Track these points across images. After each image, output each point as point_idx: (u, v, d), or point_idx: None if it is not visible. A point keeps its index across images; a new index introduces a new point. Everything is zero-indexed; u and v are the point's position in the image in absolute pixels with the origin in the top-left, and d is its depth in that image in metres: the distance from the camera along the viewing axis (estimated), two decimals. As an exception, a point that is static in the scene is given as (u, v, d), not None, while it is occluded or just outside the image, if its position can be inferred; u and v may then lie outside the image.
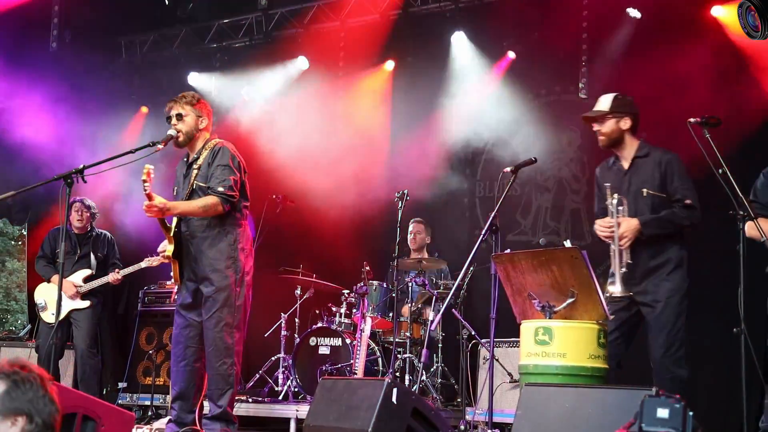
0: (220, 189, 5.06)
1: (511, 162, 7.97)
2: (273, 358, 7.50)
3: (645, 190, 4.81)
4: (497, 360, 6.42)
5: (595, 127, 4.96)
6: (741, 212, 4.16)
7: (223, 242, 5.16)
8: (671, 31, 7.47)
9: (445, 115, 8.70)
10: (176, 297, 5.38)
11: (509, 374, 6.52)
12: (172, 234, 5.15)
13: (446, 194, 8.66)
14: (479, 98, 8.66)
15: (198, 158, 5.23)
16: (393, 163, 8.85)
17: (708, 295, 6.19)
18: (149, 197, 4.83)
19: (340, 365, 6.91)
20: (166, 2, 9.32)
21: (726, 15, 7.27)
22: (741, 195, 4.19)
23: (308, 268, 7.71)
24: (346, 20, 9.05)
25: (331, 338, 7.14)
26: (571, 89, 8.17)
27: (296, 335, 7.49)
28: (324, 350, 7.13)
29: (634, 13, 7.65)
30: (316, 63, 9.37)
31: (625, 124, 4.93)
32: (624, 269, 4.67)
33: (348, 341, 6.99)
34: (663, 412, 2.94)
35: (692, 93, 7.11)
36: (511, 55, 8.49)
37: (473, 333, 6.73)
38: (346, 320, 7.25)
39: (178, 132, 5.23)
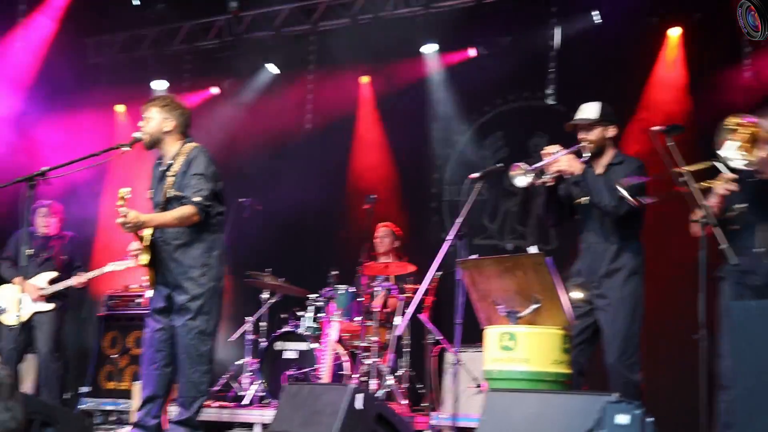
0: (197, 199, 4.98)
1: (478, 166, 8.08)
2: (238, 363, 7.45)
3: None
4: (463, 365, 6.42)
5: (581, 135, 4.97)
6: (702, 219, 4.20)
7: (197, 249, 5.10)
8: (636, 41, 7.61)
9: (414, 119, 8.73)
10: (149, 301, 5.32)
11: (475, 379, 6.52)
12: (148, 244, 5.09)
13: (414, 198, 8.70)
14: (447, 102, 8.70)
15: (173, 164, 5.16)
16: (362, 168, 8.86)
17: (670, 300, 6.25)
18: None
19: (306, 370, 6.88)
20: (134, 2, 9.24)
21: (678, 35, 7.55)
22: (702, 202, 4.24)
23: (275, 273, 7.67)
24: (318, 23, 9.03)
25: (297, 343, 7.11)
26: (539, 94, 8.23)
27: (262, 340, 7.45)
28: (290, 355, 7.09)
29: (596, 17, 7.75)
30: (286, 66, 9.35)
31: (610, 132, 4.97)
32: (535, 177, 4.75)
33: (314, 346, 6.96)
34: (623, 419, 2.97)
35: (659, 102, 7.24)
36: (471, 53, 8.51)
37: (440, 338, 6.74)
38: (313, 325, 7.22)
39: (143, 134, 5.18)
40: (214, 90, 9.65)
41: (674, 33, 7.56)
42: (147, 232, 5.05)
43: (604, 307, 4.78)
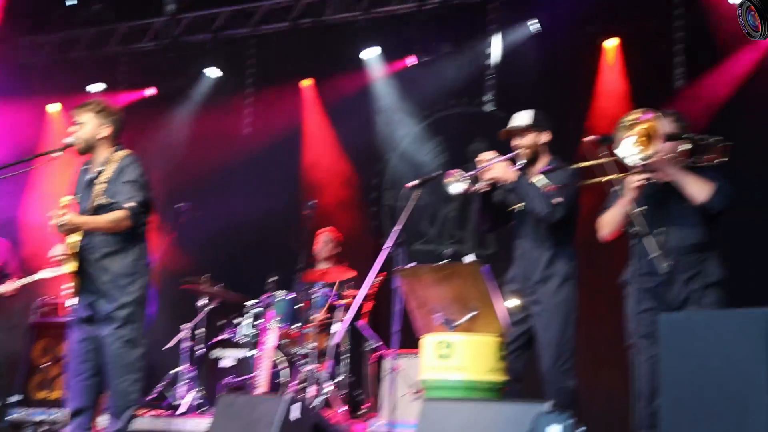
0: (129, 204, 4.90)
1: (418, 171, 8.10)
2: (174, 371, 7.34)
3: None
4: (402, 371, 6.44)
5: (515, 141, 5.01)
6: (634, 228, 4.27)
7: (126, 258, 5.01)
8: (575, 50, 7.70)
9: (354, 123, 8.71)
10: (72, 310, 5.20)
11: (413, 386, 6.52)
12: (76, 251, 4.98)
13: (354, 203, 8.68)
14: (388, 107, 8.71)
15: (104, 171, 5.04)
16: (301, 173, 8.82)
17: (609, 307, 6.31)
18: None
19: (243, 378, 6.81)
20: (68, 2, 9.07)
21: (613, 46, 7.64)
22: (633, 211, 4.30)
23: (214, 279, 7.58)
24: (258, 28, 8.96)
25: (235, 350, 7.03)
26: (479, 101, 8.28)
27: (199, 347, 7.35)
28: (227, 362, 7.01)
29: (534, 26, 7.81)
30: (226, 70, 9.26)
31: (544, 138, 5.01)
32: (470, 184, 4.77)
33: (252, 353, 6.89)
34: (555, 429, 2.99)
35: (603, 110, 7.34)
36: (412, 58, 8.51)
37: (378, 344, 6.73)
38: (251, 331, 7.14)
39: (76, 139, 5.07)
40: (150, 92, 9.51)
41: (612, 43, 7.65)
42: (74, 239, 4.95)
43: (538, 313, 4.82)
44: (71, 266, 4.94)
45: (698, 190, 4.36)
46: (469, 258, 4.72)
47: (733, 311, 3.21)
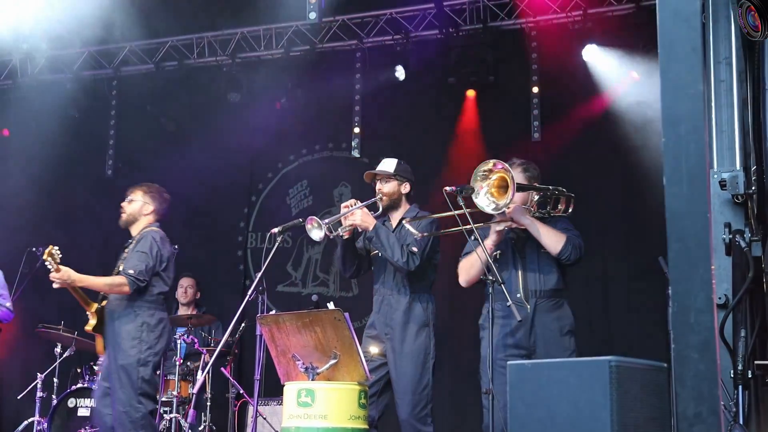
0: (128, 271, 5.54)
1: (282, 213, 8.14)
2: (26, 422, 7.03)
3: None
4: (265, 419, 6.41)
5: (378, 185, 5.13)
6: (490, 277, 4.41)
7: None
8: (437, 99, 7.93)
9: (220, 166, 8.65)
10: None
11: (277, 432, 6.50)
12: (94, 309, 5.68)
13: (219, 246, 8.60)
14: (254, 150, 8.69)
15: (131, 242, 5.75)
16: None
17: (471, 351, 6.48)
18: (57, 270, 5.42)
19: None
20: None
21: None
22: (489, 260, 4.45)
23: (70, 325, 7.33)
24: (120, 68, 8.83)
25: (92, 399, 6.81)
26: (344, 146, 8.40)
27: (54, 396, 7.08)
28: (84, 412, 6.80)
29: (399, 73, 8.00)
30: (86, 109, 9.02)
31: (405, 188, 5.16)
32: (330, 230, 4.88)
33: (111, 402, 6.69)
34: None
35: (461, 159, 7.57)
36: (278, 103, 8.58)
37: (242, 391, 6.67)
38: (110, 379, 6.93)
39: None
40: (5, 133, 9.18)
41: (470, 94, 7.90)
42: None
43: (395, 360, 4.90)
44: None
45: (551, 241, 4.60)
46: (331, 305, 4.75)
47: (578, 360, 3.37)
